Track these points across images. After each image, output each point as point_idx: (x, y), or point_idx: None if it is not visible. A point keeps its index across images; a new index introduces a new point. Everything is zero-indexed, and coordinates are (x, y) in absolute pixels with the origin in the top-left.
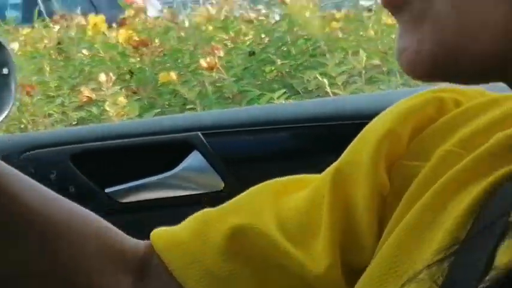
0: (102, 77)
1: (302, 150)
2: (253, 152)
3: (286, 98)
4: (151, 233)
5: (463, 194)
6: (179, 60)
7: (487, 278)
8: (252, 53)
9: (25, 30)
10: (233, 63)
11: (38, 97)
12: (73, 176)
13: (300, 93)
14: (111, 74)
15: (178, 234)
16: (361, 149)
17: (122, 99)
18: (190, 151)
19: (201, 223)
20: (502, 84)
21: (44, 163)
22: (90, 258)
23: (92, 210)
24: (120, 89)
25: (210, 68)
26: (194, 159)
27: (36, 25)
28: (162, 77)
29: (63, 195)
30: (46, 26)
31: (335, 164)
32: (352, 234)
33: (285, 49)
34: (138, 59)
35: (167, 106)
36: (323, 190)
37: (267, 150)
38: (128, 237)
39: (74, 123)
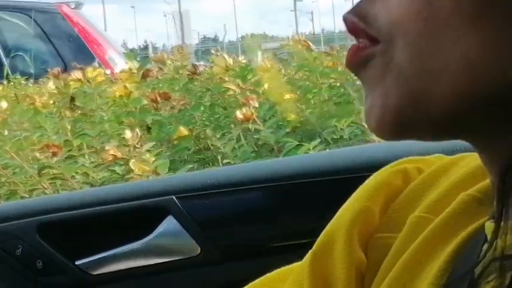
0: (128, 134)
1: (278, 208)
2: (230, 214)
3: (322, 148)
4: None
5: (434, 258)
6: (205, 114)
7: None
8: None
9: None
10: (262, 114)
11: (60, 158)
12: (41, 250)
13: (331, 143)
14: (137, 130)
15: None
16: (335, 230)
17: (149, 156)
18: (165, 216)
19: None
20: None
21: (10, 236)
22: None
23: (62, 284)
24: (153, 146)
25: (247, 120)
26: (169, 224)
27: (8, 83)
28: (187, 131)
29: (30, 271)
30: (19, 84)
31: (312, 248)
32: None
33: (309, 97)
34: (161, 112)
35: (199, 160)
36: (302, 276)
37: (243, 211)
38: None
39: (98, 184)
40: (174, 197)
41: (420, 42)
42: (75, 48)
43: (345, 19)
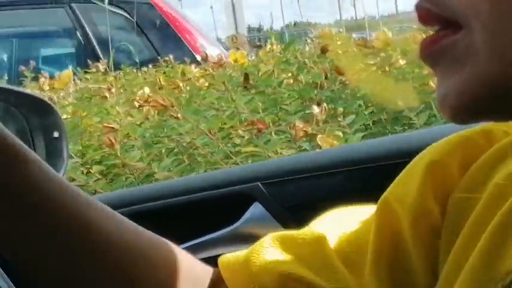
0: (315, 109)
1: (357, 191)
2: (315, 198)
3: None
4: (219, 261)
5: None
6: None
7: None
8: None
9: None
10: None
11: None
12: None
13: None
14: (324, 105)
15: (238, 270)
16: (407, 180)
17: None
18: (251, 203)
19: (256, 266)
20: None
21: None
22: (165, 283)
23: None
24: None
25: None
26: (255, 210)
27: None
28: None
29: None
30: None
31: (384, 194)
32: (399, 259)
33: None
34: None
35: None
36: (371, 219)
37: (325, 195)
38: (199, 262)
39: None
40: (259, 184)
41: (496, 24)
42: (167, 37)
43: (418, 6)
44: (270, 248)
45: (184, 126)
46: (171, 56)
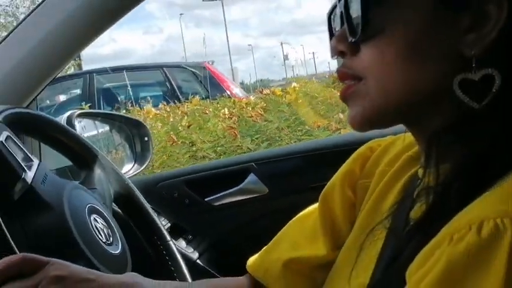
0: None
1: (315, 169)
2: (284, 171)
3: None
4: (247, 266)
5: (391, 192)
6: None
7: (409, 226)
8: None
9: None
10: None
11: None
12: (187, 194)
13: None
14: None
15: (259, 268)
16: (335, 180)
17: None
18: (248, 174)
19: (268, 261)
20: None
21: (170, 188)
22: None
23: (198, 212)
24: None
25: None
26: (251, 178)
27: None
28: None
29: (182, 206)
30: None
31: (322, 191)
32: (336, 231)
33: None
34: None
35: None
36: (316, 208)
37: (294, 169)
38: (238, 279)
39: None
40: (253, 163)
41: (380, 76)
42: (213, 85)
43: (338, 70)
44: (274, 248)
45: (271, 125)
46: (228, 93)
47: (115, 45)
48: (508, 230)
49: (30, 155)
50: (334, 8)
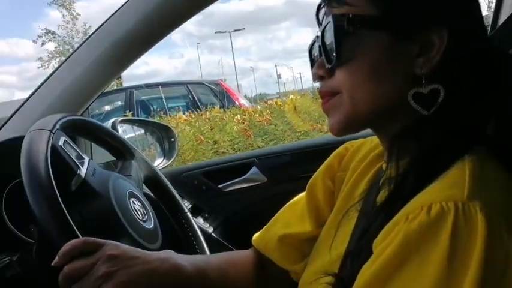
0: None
1: (304, 163)
2: (279, 165)
3: None
4: (252, 241)
5: (362, 182)
6: None
7: (376, 208)
8: None
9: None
10: None
11: None
12: (204, 182)
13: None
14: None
15: (261, 242)
16: (318, 173)
17: None
18: (251, 166)
19: (268, 236)
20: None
21: (191, 177)
22: (240, 277)
23: (212, 195)
24: None
25: None
26: (253, 170)
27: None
28: None
29: (200, 191)
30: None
31: (309, 182)
32: (320, 214)
33: None
34: None
35: None
36: (304, 196)
37: (288, 163)
38: (242, 251)
39: None
40: (255, 159)
41: (351, 91)
42: (225, 97)
43: (319, 90)
44: (271, 227)
45: (277, 128)
46: (237, 103)
47: (147, 67)
48: (451, 210)
49: (82, 154)
50: (313, 43)
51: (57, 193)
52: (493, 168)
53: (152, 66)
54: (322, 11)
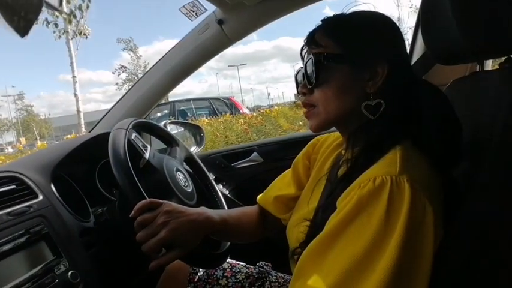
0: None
1: (288, 149)
2: (272, 150)
3: None
4: (257, 199)
5: (327, 162)
6: None
7: (338, 178)
8: None
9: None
10: None
11: None
12: (223, 162)
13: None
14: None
15: (262, 200)
16: (299, 156)
17: None
18: (253, 152)
19: (266, 197)
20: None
21: (215, 158)
22: (249, 223)
23: (228, 170)
24: None
25: None
26: (255, 154)
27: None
28: None
29: (220, 168)
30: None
31: (294, 160)
32: (301, 182)
33: None
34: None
35: None
36: (290, 170)
37: (277, 150)
38: (253, 207)
39: None
40: (256, 146)
41: (324, 104)
42: (233, 108)
43: (303, 102)
44: (269, 191)
45: (266, 127)
46: (242, 112)
47: (184, 88)
48: (388, 181)
49: (146, 144)
50: (298, 72)
51: (132, 169)
52: (414, 155)
53: (187, 88)
54: (305, 50)
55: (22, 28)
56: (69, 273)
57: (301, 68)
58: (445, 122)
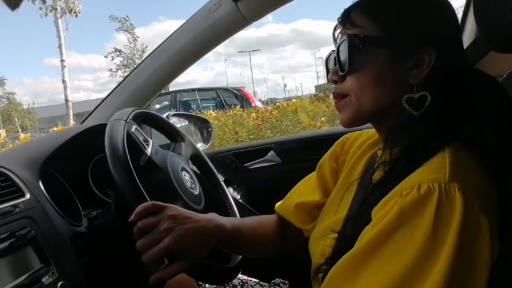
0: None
1: (309, 149)
2: (291, 150)
3: None
4: (276, 208)
5: (360, 164)
6: None
7: (373, 184)
8: None
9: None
10: None
11: None
12: (234, 161)
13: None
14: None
15: (281, 208)
16: (325, 156)
17: None
18: (269, 151)
19: (286, 204)
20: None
21: (224, 157)
22: (266, 235)
23: (239, 171)
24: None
25: None
26: (271, 153)
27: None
28: None
29: (230, 168)
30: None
31: (319, 161)
32: (327, 187)
33: None
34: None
35: None
36: (315, 174)
37: (295, 149)
38: (270, 216)
39: None
40: (273, 144)
41: (358, 94)
42: (244, 100)
43: (333, 92)
44: (289, 197)
45: (282, 123)
46: (253, 105)
47: (187, 76)
48: (436, 189)
49: (147, 137)
50: (329, 55)
51: (132, 166)
52: (466, 158)
53: (191, 76)
54: (338, 31)
55: (13, 1)
56: (59, 284)
57: (333, 51)
58: (503, 119)
